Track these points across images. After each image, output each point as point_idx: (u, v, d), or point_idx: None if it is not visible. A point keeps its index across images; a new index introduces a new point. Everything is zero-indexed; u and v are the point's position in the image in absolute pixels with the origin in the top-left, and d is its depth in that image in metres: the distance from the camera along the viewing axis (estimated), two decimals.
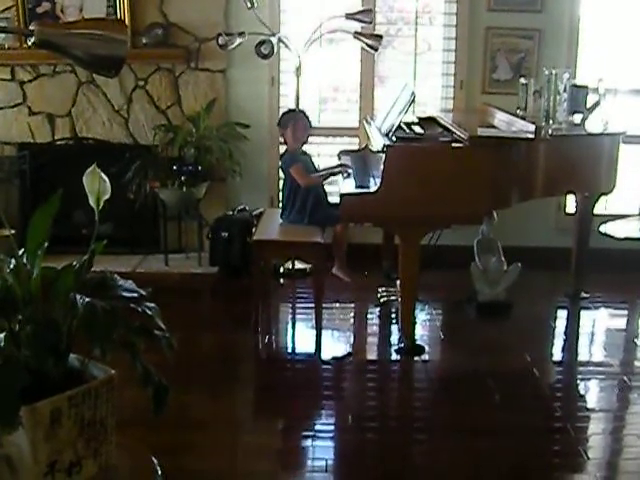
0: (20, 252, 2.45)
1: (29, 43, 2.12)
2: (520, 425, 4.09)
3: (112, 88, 6.36)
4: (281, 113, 5.87)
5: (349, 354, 5.10)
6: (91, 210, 2.55)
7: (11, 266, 2.43)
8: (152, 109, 6.44)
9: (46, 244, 2.44)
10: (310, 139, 6.14)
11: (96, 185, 2.44)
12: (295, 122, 5.57)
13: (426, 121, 5.76)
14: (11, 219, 4.93)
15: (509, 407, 4.29)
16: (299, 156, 5.54)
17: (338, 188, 5.23)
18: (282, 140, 5.68)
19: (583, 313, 5.81)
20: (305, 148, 5.79)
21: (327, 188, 5.70)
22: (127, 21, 6.13)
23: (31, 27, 2.10)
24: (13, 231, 2.78)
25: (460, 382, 4.64)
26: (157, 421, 2.51)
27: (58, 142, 6.51)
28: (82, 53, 2.11)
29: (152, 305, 2.47)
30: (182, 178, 6.03)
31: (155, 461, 2.53)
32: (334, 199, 5.27)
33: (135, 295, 2.48)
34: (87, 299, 2.28)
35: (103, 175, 2.47)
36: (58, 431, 2.26)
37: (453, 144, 4.81)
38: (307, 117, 5.75)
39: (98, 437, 2.36)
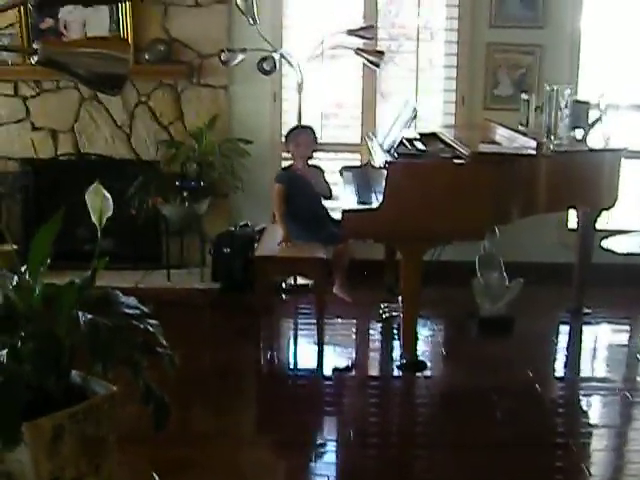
0: (22, 268, 2.46)
1: (33, 61, 2.13)
2: (522, 441, 4.09)
3: (115, 104, 6.36)
4: (289, 129, 5.87)
5: (350, 368, 5.10)
6: (93, 225, 2.56)
7: (14, 282, 2.44)
8: (154, 125, 6.45)
9: (48, 261, 2.44)
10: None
11: (99, 203, 2.46)
12: (298, 138, 5.58)
13: (428, 137, 5.77)
14: (13, 234, 4.93)
15: (511, 423, 4.28)
16: (291, 176, 5.50)
17: (340, 204, 5.23)
18: (288, 155, 5.67)
19: (585, 329, 5.80)
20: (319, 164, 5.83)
21: (328, 204, 5.72)
22: (130, 37, 6.15)
23: (35, 46, 2.12)
24: (15, 246, 2.79)
25: (462, 398, 4.63)
26: (158, 437, 2.51)
27: (61, 157, 6.51)
28: (85, 71, 2.13)
29: (154, 322, 2.49)
30: (184, 194, 6.04)
31: (156, 477, 2.53)
32: (337, 214, 5.27)
33: (137, 312, 2.49)
34: (89, 316, 2.29)
35: (106, 193, 2.48)
36: (60, 447, 2.27)
37: (455, 160, 4.81)
38: (313, 132, 5.75)
39: (100, 453, 2.37)
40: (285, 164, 5.61)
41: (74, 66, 2.16)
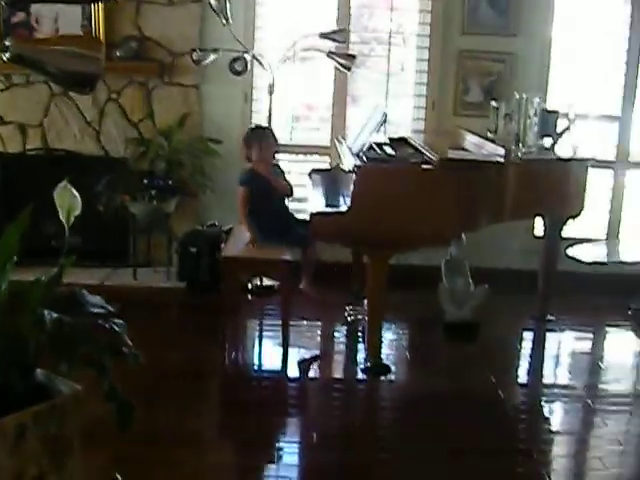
0: None
1: (4, 58, 2.12)
2: (484, 447, 4.11)
3: (84, 100, 6.32)
4: (247, 130, 5.84)
5: (315, 370, 5.11)
6: (60, 221, 2.55)
7: None
8: (124, 122, 6.42)
9: (15, 258, 2.43)
10: (281, 156, 6.19)
11: (67, 201, 2.45)
12: (260, 141, 5.52)
13: (397, 142, 5.78)
14: None
15: (473, 428, 4.31)
16: (254, 178, 5.48)
17: (308, 207, 5.23)
18: (246, 157, 5.62)
19: (549, 336, 5.85)
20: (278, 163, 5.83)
21: (295, 206, 5.73)
22: (102, 33, 6.12)
23: (6, 42, 2.11)
24: None
25: (425, 402, 4.65)
26: (122, 437, 2.51)
27: (29, 152, 6.47)
28: (57, 70, 2.12)
29: (120, 322, 2.48)
30: (152, 192, 6.02)
31: (119, 477, 2.53)
32: (303, 216, 5.28)
33: (103, 311, 2.48)
34: (55, 315, 2.28)
35: (74, 191, 2.47)
36: (23, 446, 2.26)
37: (423, 166, 4.83)
38: (273, 134, 5.74)
39: (63, 452, 2.36)
40: (249, 165, 5.57)
41: (46, 64, 2.15)
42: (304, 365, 5.20)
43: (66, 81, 2.18)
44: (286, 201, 5.72)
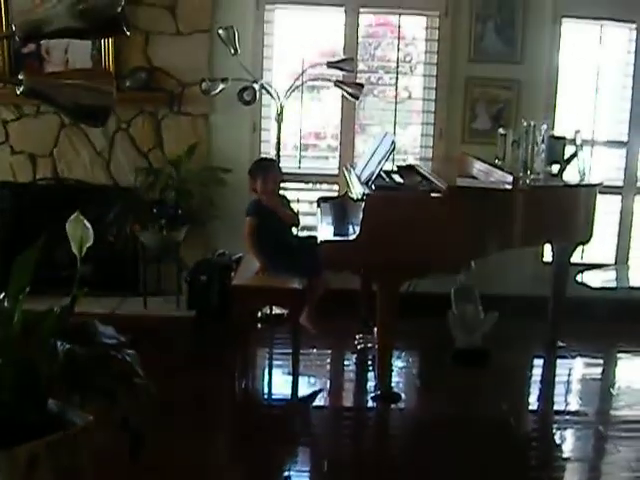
0: (0, 295, 2.46)
1: (17, 92, 2.15)
2: (495, 474, 4.10)
3: (94, 130, 6.35)
4: (252, 162, 5.86)
5: (325, 399, 5.11)
6: (71, 251, 2.56)
7: None
8: (134, 152, 6.46)
9: (28, 289, 2.45)
10: (290, 185, 6.22)
11: (79, 232, 2.47)
12: (264, 174, 5.53)
13: (405, 170, 5.81)
14: None
15: (485, 456, 4.30)
16: (260, 209, 5.48)
17: (316, 235, 5.24)
18: (252, 189, 5.63)
19: (559, 362, 5.84)
20: (284, 194, 5.85)
21: (304, 234, 5.75)
22: (111, 64, 6.18)
23: (20, 76, 2.13)
24: None
25: (436, 430, 4.64)
26: (133, 467, 2.52)
27: (39, 182, 6.51)
28: (69, 103, 2.14)
29: (131, 352, 2.49)
30: (162, 221, 6.05)
31: None
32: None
33: (115, 341, 2.49)
34: (67, 345, 2.30)
35: (86, 222, 2.49)
36: (34, 476, 2.26)
37: (432, 194, 4.85)
38: (277, 166, 5.77)
39: None
40: (255, 197, 5.59)
41: (58, 97, 2.17)
42: (314, 394, 5.19)
43: (78, 114, 2.21)
44: (294, 231, 5.73)
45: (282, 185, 5.89)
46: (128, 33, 2.07)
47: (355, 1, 6.47)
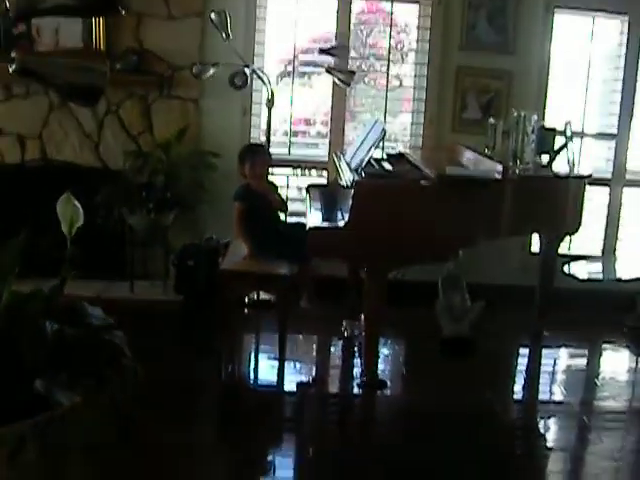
0: None
1: (10, 70, 2.13)
2: (479, 462, 4.12)
3: (84, 112, 6.33)
4: (241, 147, 5.86)
5: (311, 384, 5.11)
6: (58, 233, 2.56)
7: None
8: (123, 134, 6.43)
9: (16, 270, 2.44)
10: (279, 171, 6.20)
11: (69, 212, 2.46)
12: (253, 158, 5.53)
13: (395, 158, 5.81)
14: None
15: (469, 444, 4.31)
16: (249, 193, 5.48)
17: (305, 222, 5.24)
18: (241, 173, 5.63)
19: (545, 352, 5.87)
20: (273, 179, 5.84)
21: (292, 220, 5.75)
22: (102, 45, 6.14)
23: (12, 55, 2.12)
24: None
25: (421, 418, 4.65)
26: (121, 448, 2.52)
27: (28, 164, 6.48)
28: (62, 82, 2.13)
29: (120, 334, 2.49)
30: (151, 205, 6.03)
31: None
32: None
33: (103, 323, 2.49)
34: (56, 326, 2.29)
35: (76, 202, 2.48)
36: (22, 457, 2.26)
37: (421, 182, 4.85)
38: (266, 151, 5.77)
39: (62, 463, 2.36)
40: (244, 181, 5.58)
41: (50, 76, 2.16)
42: (300, 379, 5.20)
43: (71, 94, 2.20)
44: (282, 216, 5.73)
45: (271, 171, 5.89)
46: (124, 12, 2.06)
47: None
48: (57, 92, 2.23)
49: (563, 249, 6.10)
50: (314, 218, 5.20)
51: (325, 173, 6.69)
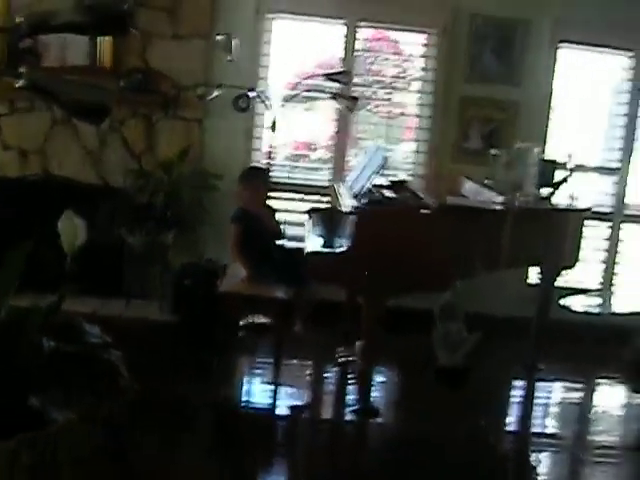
0: None
1: (16, 85, 2.14)
2: None
3: (86, 129, 6.31)
4: (242, 170, 5.87)
5: (304, 410, 5.09)
6: (56, 249, 2.56)
7: None
8: (125, 153, 6.45)
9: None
10: (280, 195, 6.21)
11: (71, 231, 2.46)
12: (252, 181, 5.55)
13: (396, 185, 5.81)
14: None
15: (461, 474, 4.30)
16: (244, 215, 5.49)
17: (305, 246, 5.23)
18: (240, 196, 5.65)
19: (539, 385, 5.85)
20: (272, 204, 5.85)
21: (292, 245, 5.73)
22: (108, 63, 6.17)
23: (20, 70, 2.12)
24: None
25: (413, 446, 4.63)
26: (113, 467, 2.51)
27: (29, 178, 6.47)
28: (69, 99, 2.14)
29: (116, 352, 2.48)
30: (150, 224, 6.03)
31: None
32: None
33: (100, 341, 2.49)
34: (53, 343, 2.29)
35: (78, 220, 2.48)
36: (14, 473, 2.25)
37: (422, 210, 4.85)
38: (266, 175, 5.78)
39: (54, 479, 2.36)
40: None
41: (58, 93, 2.16)
42: (294, 404, 5.18)
43: (77, 111, 2.20)
44: (278, 242, 5.72)
45: (271, 194, 5.90)
46: (133, 31, 2.07)
47: (355, 15, 6.49)
48: (64, 109, 2.23)
49: (561, 282, 6.08)
50: (314, 243, 5.20)
51: (326, 198, 6.69)
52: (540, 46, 6.55)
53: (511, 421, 5.42)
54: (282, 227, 5.75)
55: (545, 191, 5.73)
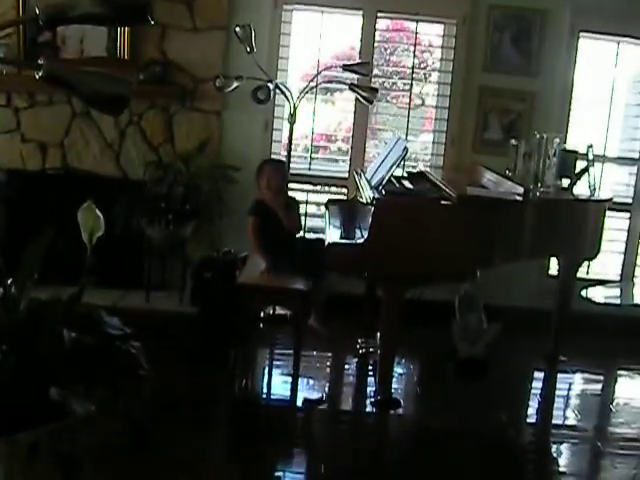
0: (8, 281, 2.45)
1: (37, 76, 2.13)
2: None
3: (106, 121, 6.36)
4: (260, 162, 5.87)
5: (324, 401, 5.08)
6: (76, 241, 2.56)
7: None
8: (144, 145, 6.46)
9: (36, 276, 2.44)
10: (299, 186, 6.19)
11: (90, 221, 2.46)
12: (269, 173, 5.53)
13: (416, 176, 5.81)
14: None
15: (481, 467, 4.29)
16: (261, 207, 5.49)
17: (324, 237, 5.22)
18: (258, 187, 5.64)
19: (560, 376, 5.82)
20: (293, 195, 5.85)
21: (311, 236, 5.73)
22: (126, 56, 6.17)
23: (40, 61, 2.12)
24: None
25: (433, 438, 4.63)
26: (133, 459, 2.51)
27: (48, 171, 6.50)
28: (88, 90, 2.13)
29: (136, 344, 2.48)
30: (170, 216, 6.03)
31: None
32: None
33: (120, 333, 2.48)
34: (74, 334, 2.29)
35: (97, 211, 2.48)
36: (35, 463, 2.25)
37: (442, 201, 4.83)
38: (284, 167, 5.77)
39: (75, 471, 2.36)
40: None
41: (77, 84, 2.16)
42: (314, 396, 5.17)
43: (96, 102, 2.19)
44: (298, 233, 5.72)
45: (290, 186, 5.89)
46: (152, 22, 2.06)
47: (373, 5, 6.47)
48: (84, 100, 2.22)
49: (581, 273, 6.06)
50: (333, 234, 5.19)
51: (345, 189, 6.69)
52: (559, 36, 6.51)
53: (532, 412, 5.39)
54: (302, 219, 5.73)
55: (566, 181, 5.71)
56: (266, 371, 5.64)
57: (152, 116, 6.44)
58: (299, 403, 5.03)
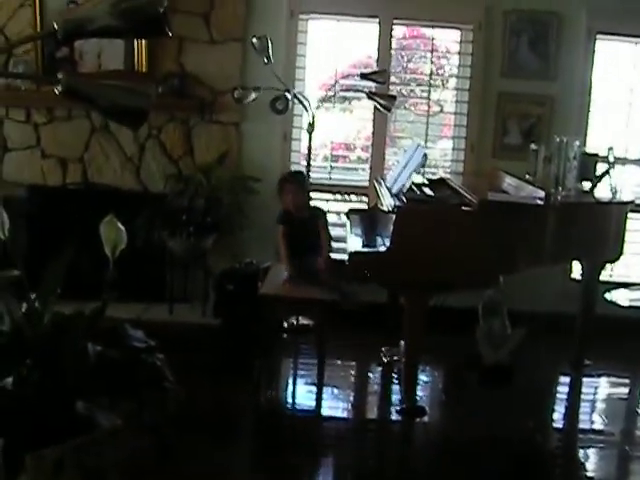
0: (32, 295, 2.46)
1: (56, 91, 2.14)
2: None
3: (125, 135, 6.39)
4: (280, 175, 5.88)
5: (349, 411, 5.07)
6: (98, 256, 2.56)
7: (22, 309, 2.44)
8: (164, 158, 6.48)
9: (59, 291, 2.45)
10: (319, 195, 6.19)
11: (113, 234, 2.46)
12: (290, 189, 5.56)
13: (436, 183, 5.79)
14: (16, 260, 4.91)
15: (508, 473, 4.27)
16: (288, 217, 5.53)
17: (346, 246, 5.22)
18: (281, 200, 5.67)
19: (585, 380, 5.79)
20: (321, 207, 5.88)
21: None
22: (144, 69, 6.21)
23: (59, 75, 2.13)
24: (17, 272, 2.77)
25: (460, 445, 4.61)
26: (159, 471, 2.51)
27: (69, 186, 6.53)
28: (108, 103, 2.13)
29: (161, 356, 2.48)
30: (191, 228, 6.04)
31: None
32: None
33: (145, 345, 2.49)
34: (98, 348, 2.29)
35: (120, 225, 2.49)
36: (61, 478, 2.26)
37: (463, 207, 4.82)
38: (304, 179, 5.79)
39: None
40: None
41: (96, 97, 2.16)
42: (339, 405, 5.16)
43: (116, 116, 2.20)
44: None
45: (312, 195, 5.90)
46: (170, 34, 2.06)
47: (389, 13, 6.47)
48: (102, 113, 2.23)
49: (605, 276, 6.02)
50: (354, 243, 5.19)
51: (365, 198, 6.68)
52: (576, 38, 6.49)
53: (558, 418, 5.36)
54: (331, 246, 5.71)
55: (587, 184, 5.69)
56: (290, 381, 5.63)
57: (171, 129, 6.46)
58: (324, 413, 5.02)
